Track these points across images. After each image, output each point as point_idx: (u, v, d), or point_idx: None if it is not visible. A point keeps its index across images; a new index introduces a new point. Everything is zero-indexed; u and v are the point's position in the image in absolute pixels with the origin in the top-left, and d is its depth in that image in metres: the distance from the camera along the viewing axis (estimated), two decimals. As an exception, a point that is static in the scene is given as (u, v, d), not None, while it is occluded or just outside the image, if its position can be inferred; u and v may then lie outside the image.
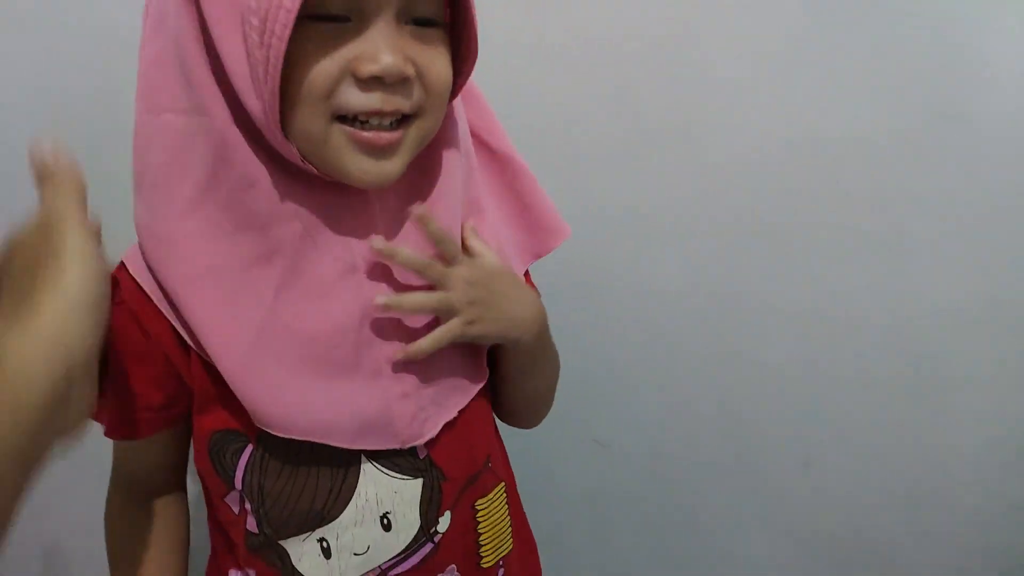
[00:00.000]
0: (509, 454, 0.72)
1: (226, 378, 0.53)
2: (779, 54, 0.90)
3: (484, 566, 0.66)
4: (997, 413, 0.97)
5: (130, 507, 0.63)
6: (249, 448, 0.57)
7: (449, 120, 0.57)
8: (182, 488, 0.66)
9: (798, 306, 0.96)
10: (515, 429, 0.72)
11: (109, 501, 0.64)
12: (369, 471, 0.59)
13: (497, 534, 0.68)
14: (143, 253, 0.55)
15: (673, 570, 1.08)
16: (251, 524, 0.59)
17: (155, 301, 0.54)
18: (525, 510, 0.74)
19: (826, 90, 0.90)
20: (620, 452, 1.04)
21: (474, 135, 0.63)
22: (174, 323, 0.54)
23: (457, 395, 0.62)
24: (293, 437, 0.55)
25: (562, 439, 1.03)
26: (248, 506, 0.59)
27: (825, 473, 1.01)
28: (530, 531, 0.75)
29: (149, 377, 0.57)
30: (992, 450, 0.98)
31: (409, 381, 0.58)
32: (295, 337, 0.54)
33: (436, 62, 0.52)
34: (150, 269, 0.54)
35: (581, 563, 1.08)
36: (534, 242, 0.67)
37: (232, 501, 0.60)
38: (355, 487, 0.58)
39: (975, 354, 0.95)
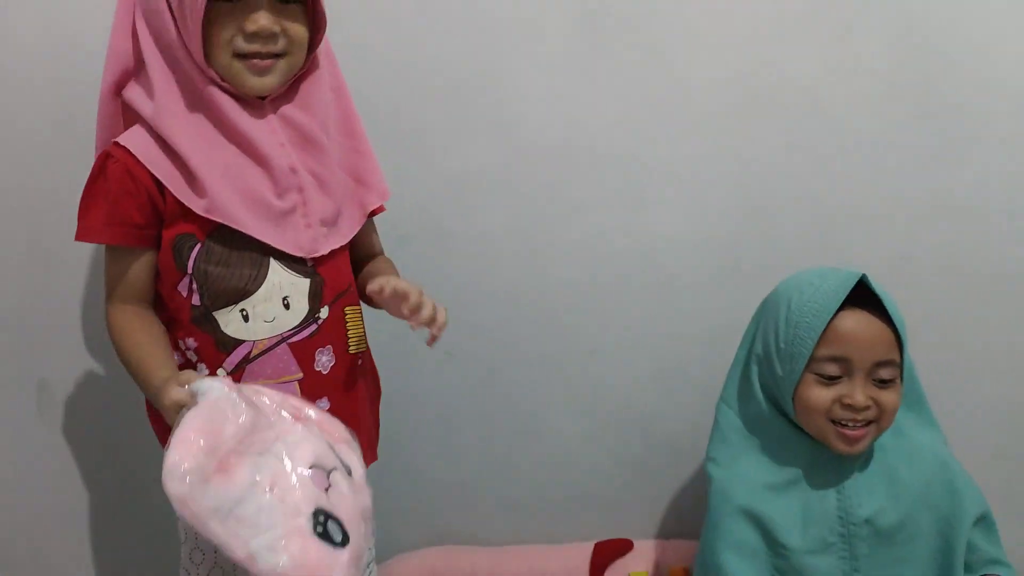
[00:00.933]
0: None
1: (206, 188, 0.91)
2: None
3: (350, 352, 1.05)
4: (714, 309, 1.41)
5: (127, 310, 0.97)
6: (199, 245, 0.94)
7: (316, 65, 1.01)
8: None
9: (582, 244, 1.40)
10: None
11: (109, 315, 0.97)
12: (276, 266, 0.97)
13: (357, 335, 1.06)
14: (151, 128, 0.93)
15: (506, 450, 1.46)
16: (195, 300, 0.95)
17: (145, 163, 0.93)
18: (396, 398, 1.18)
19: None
20: (462, 360, 1.44)
21: (332, 87, 1.05)
22: (157, 175, 0.93)
23: (340, 237, 1.01)
24: (235, 227, 0.92)
25: (419, 351, 1.42)
26: (194, 286, 0.95)
27: (605, 359, 1.43)
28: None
29: (133, 205, 0.93)
30: (710, 336, 1.41)
31: (313, 220, 0.97)
32: (246, 182, 0.94)
33: (294, 25, 0.95)
34: (159, 138, 0.93)
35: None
36: (362, 193, 1.06)
37: (183, 288, 0.96)
38: (267, 275, 0.96)
39: (694, 259, 1.39)
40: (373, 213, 1.09)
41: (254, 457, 0.77)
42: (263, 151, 0.94)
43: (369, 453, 1.07)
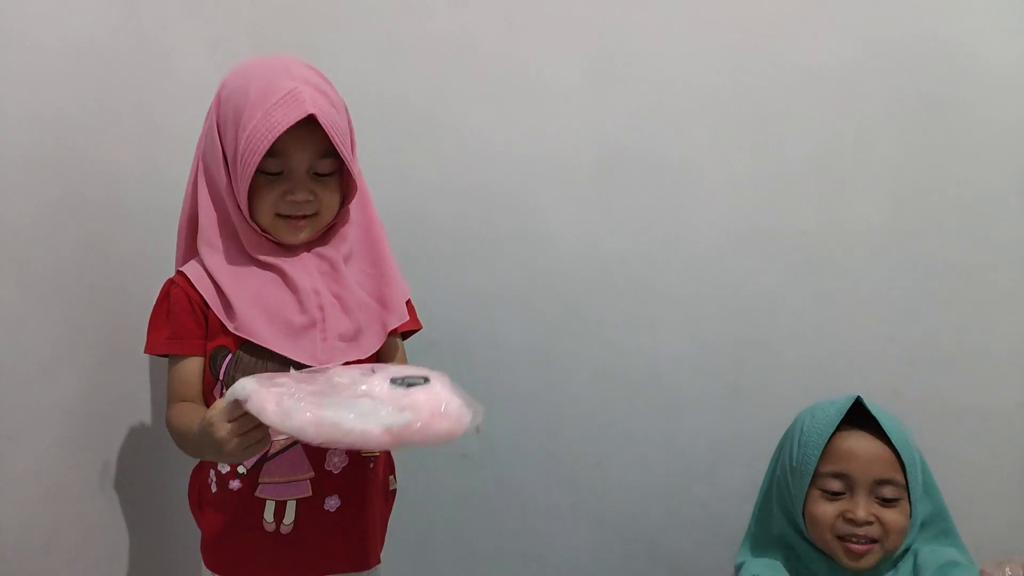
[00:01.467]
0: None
1: (236, 312, 1.05)
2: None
3: (362, 454, 1.12)
4: (717, 429, 1.49)
5: (182, 404, 1.07)
6: (229, 356, 1.06)
7: (347, 214, 1.16)
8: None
9: (594, 360, 1.50)
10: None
11: (168, 415, 1.07)
12: None
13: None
14: (201, 262, 1.08)
15: (513, 557, 1.52)
16: None
17: (198, 288, 1.07)
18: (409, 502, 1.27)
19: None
20: (476, 464, 1.51)
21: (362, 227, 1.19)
22: (205, 297, 1.07)
23: (357, 351, 1.11)
24: (260, 344, 1.05)
25: (438, 450, 1.50)
26: (224, 392, 1.03)
27: (612, 471, 1.50)
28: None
29: (191, 319, 1.07)
30: (716, 455, 1.48)
31: (331, 335, 1.08)
32: (271, 305, 1.07)
33: (327, 193, 1.10)
34: (204, 267, 1.08)
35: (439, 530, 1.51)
36: (384, 315, 1.16)
37: (216, 393, 1.07)
38: None
39: (698, 381, 1.48)
40: (396, 332, 1.19)
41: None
42: (291, 278, 1.09)
43: (372, 557, 1.14)
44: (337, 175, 1.11)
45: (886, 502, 1.08)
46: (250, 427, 0.89)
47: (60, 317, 1.10)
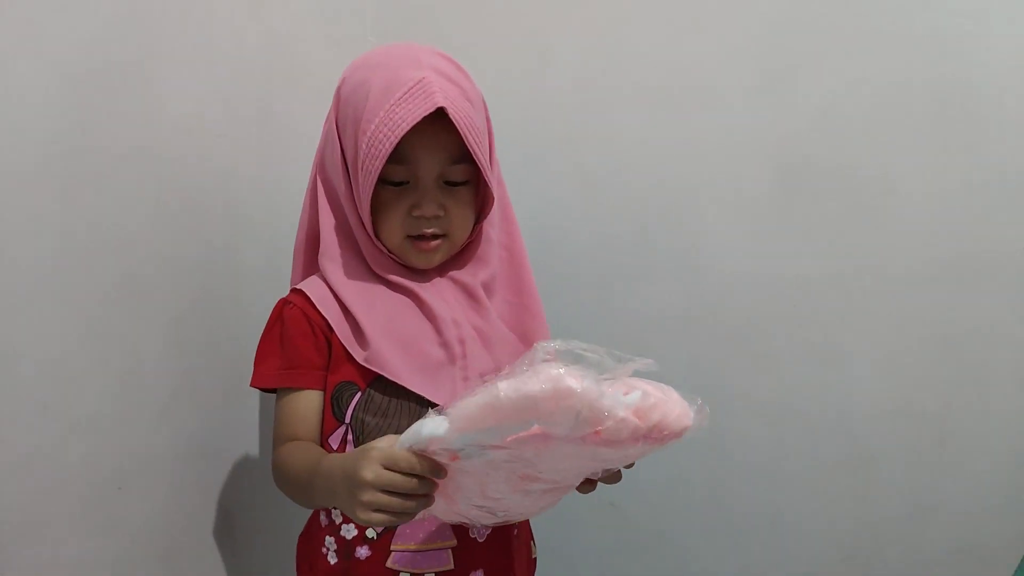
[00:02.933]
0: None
1: (368, 340, 0.87)
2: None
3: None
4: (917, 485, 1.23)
5: (288, 444, 0.89)
6: (359, 394, 0.88)
7: (483, 235, 0.96)
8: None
9: (769, 400, 1.27)
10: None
11: (276, 456, 0.90)
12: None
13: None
14: (324, 278, 0.91)
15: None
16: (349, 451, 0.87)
17: (319, 307, 0.90)
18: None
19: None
20: (627, 511, 1.31)
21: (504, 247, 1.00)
22: (329, 319, 0.89)
23: None
24: (394, 380, 0.86)
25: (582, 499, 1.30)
26: (349, 437, 0.88)
27: (789, 529, 1.26)
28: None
29: (311, 345, 0.90)
30: (910, 515, 1.23)
31: (472, 373, 0.90)
32: (406, 334, 0.89)
33: (459, 207, 0.91)
34: (328, 286, 0.91)
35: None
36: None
37: (335, 439, 0.89)
38: None
39: (896, 427, 1.23)
40: None
41: None
42: (428, 305, 0.90)
43: None
44: (471, 185, 0.93)
45: None
46: (413, 488, 0.70)
47: (177, 341, 0.96)
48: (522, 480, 0.73)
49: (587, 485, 0.79)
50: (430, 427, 0.68)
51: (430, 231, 0.90)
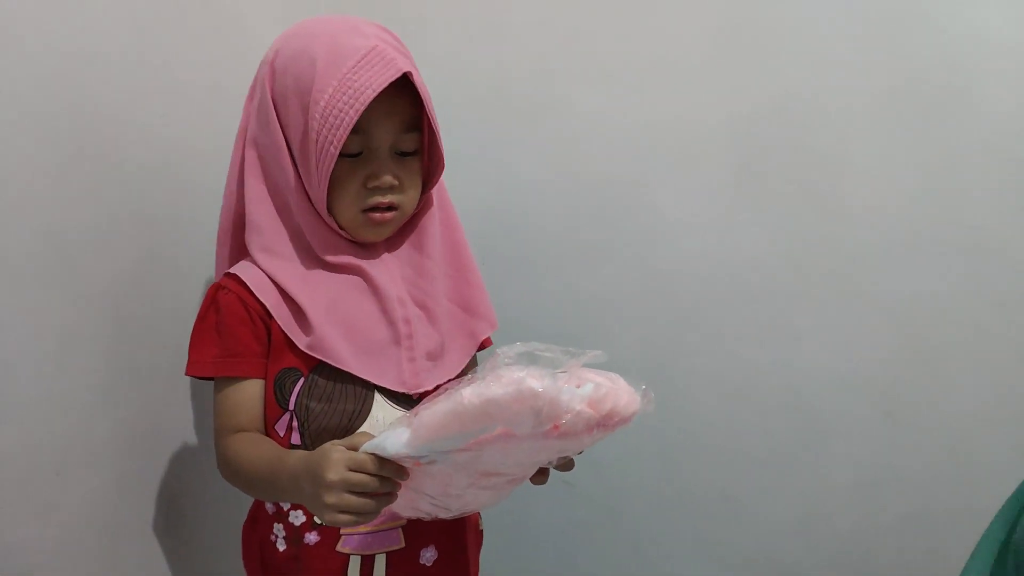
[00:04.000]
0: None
1: (312, 326, 0.83)
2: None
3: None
4: (866, 457, 1.24)
5: (241, 434, 0.85)
6: (301, 380, 0.84)
7: (429, 203, 0.93)
8: None
9: (722, 377, 1.26)
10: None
11: (223, 448, 0.85)
12: (380, 402, 0.86)
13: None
14: (259, 265, 0.86)
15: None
16: (294, 438, 0.84)
17: (257, 294, 0.85)
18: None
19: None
20: (581, 489, 1.29)
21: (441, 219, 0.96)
22: (267, 305, 0.84)
23: (446, 371, 0.90)
24: (339, 366, 0.83)
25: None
26: (294, 424, 0.84)
27: (743, 504, 1.26)
28: None
29: (249, 332, 0.85)
30: (860, 486, 1.23)
31: (418, 353, 0.87)
32: (350, 317, 0.85)
33: (409, 179, 0.88)
34: (264, 271, 0.86)
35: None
36: (472, 323, 0.95)
37: (280, 427, 0.85)
38: (370, 410, 0.85)
39: (845, 401, 1.23)
40: (483, 346, 0.98)
41: None
42: (376, 283, 0.87)
43: None
44: (419, 155, 0.89)
45: None
46: (377, 490, 0.69)
47: (116, 322, 0.91)
48: (482, 476, 0.73)
49: (540, 476, 0.78)
50: (393, 441, 0.67)
51: (386, 202, 0.86)
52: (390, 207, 0.87)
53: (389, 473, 0.68)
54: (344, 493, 0.68)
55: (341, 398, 0.84)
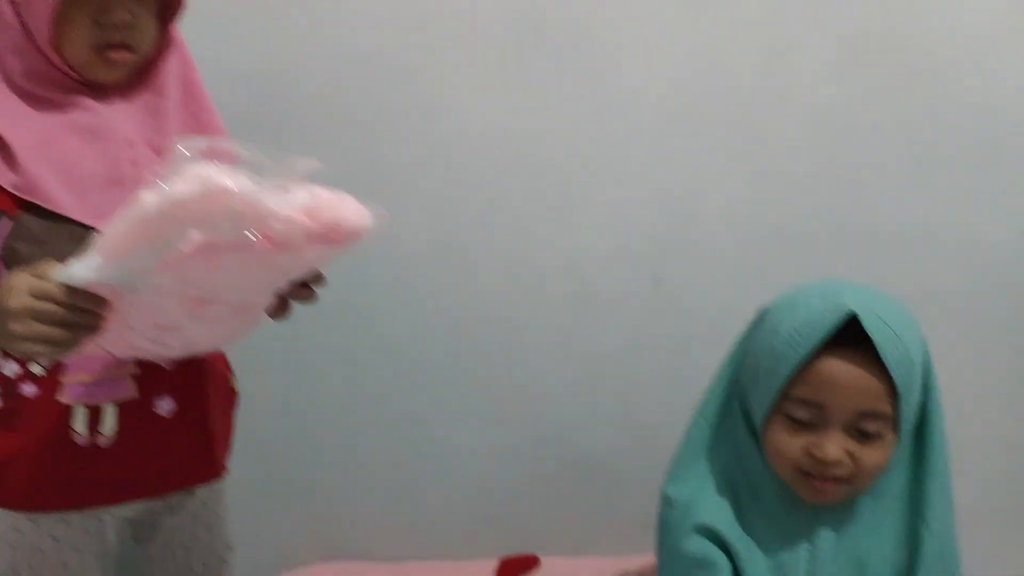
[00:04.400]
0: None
1: (19, 162, 0.76)
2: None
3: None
4: (639, 320, 1.30)
5: None
6: (10, 222, 0.77)
7: (164, 44, 0.86)
8: None
9: (502, 251, 1.27)
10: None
11: None
12: None
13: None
14: None
15: (409, 460, 1.32)
16: None
17: None
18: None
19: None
20: (358, 366, 1.29)
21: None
22: None
23: None
24: (49, 207, 0.77)
25: (308, 350, 1.28)
26: (2, 270, 0.77)
27: (522, 369, 1.30)
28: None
29: None
30: (634, 351, 1.30)
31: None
32: (67, 156, 0.79)
33: (144, 15, 0.81)
34: None
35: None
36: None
37: None
38: None
39: (617, 272, 1.28)
40: None
41: None
42: (98, 122, 0.81)
43: (220, 466, 0.93)
44: None
45: (866, 437, 0.82)
46: (69, 319, 0.64)
47: None
48: (197, 305, 0.68)
49: (280, 310, 0.76)
50: (81, 267, 0.62)
51: (119, 39, 0.79)
52: (125, 46, 0.80)
53: (82, 302, 0.64)
54: (31, 321, 0.64)
55: (55, 241, 0.78)
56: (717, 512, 0.88)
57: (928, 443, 0.88)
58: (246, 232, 0.60)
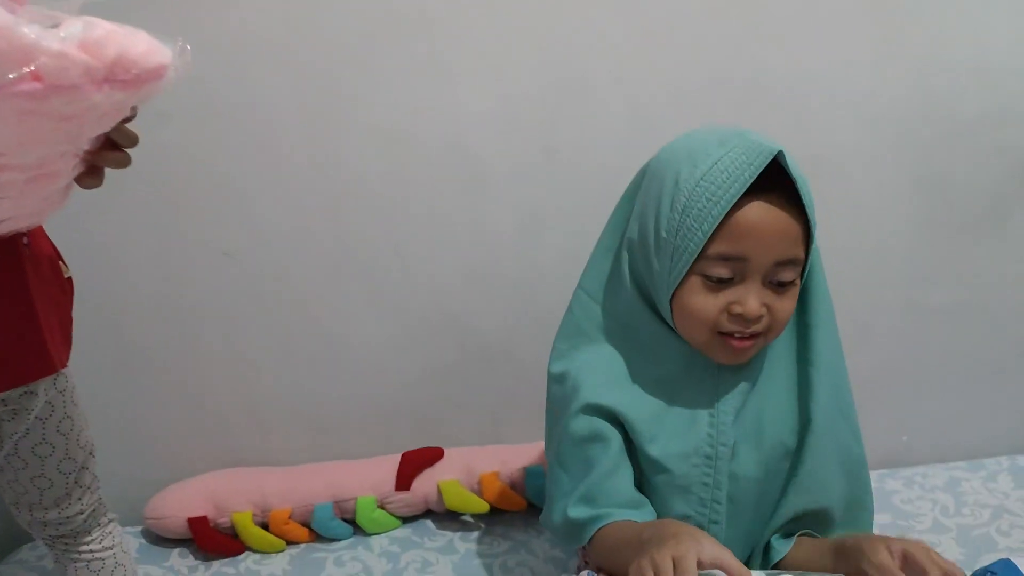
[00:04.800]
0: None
1: None
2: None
3: None
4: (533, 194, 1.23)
5: None
6: None
7: None
8: None
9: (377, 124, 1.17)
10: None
11: None
12: None
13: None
14: None
15: (300, 358, 1.25)
16: None
17: None
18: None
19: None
20: (245, 261, 1.19)
21: None
22: None
23: None
24: None
25: (194, 249, 1.17)
26: None
27: (412, 255, 1.22)
28: None
29: None
30: (528, 228, 1.23)
31: None
32: None
33: None
34: None
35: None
36: None
37: None
38: None
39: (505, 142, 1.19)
40: None
41: None
42: None
43: (56, 360, 0.82)
44: None
45: (780, 287, 0.78)
46: None
47: None
48: None
49: (89, 176, 0.65)
50: None
51: None
52: None
53: None
54: None
55: None
56: (605, 386, 0.84)
57: (813, 294, 0.84)
58: (7, 72, 0.50)
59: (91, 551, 0.91)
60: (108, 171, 0.66)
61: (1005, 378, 1.39)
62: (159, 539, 1.20)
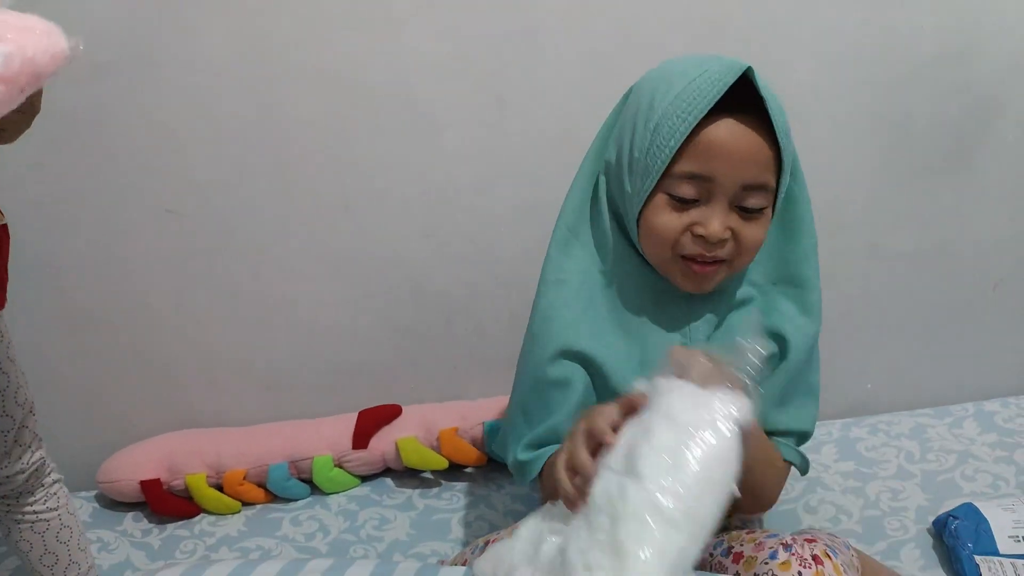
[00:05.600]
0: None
1: None
2: None
3: None
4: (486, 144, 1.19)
5: None
6: None
7: None
8: None
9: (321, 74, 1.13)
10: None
11: None
12: None
13: None
14: None
15: (252, 318, 1.22)
16: None
17: None
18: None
19: None
20: (187, 218, 1.16)
21: None
22: None
23: None
24: None
25: (137, 207, 1.13)
26: None
27: (363, 212, 1.18)
28: None
29: None
30: (482, 179, 1.20)
31: None
32: None
33: None
34: None
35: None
36: None
37: None
38: None
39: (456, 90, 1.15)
40: None
41: None
42: None
43: None
44: None
45: (747, 212, 0.76)
46: None
47: None
48: None
49: None
50: None
51: None
52: None
53: None
54: None
55: None
56: (575, 326, 0.81)
57: (798, 225, 0.83)
58: None
59: (35, 512, 0.89)
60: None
61: (971, 324, 1.37)
62: (112, 503, 1.18)
